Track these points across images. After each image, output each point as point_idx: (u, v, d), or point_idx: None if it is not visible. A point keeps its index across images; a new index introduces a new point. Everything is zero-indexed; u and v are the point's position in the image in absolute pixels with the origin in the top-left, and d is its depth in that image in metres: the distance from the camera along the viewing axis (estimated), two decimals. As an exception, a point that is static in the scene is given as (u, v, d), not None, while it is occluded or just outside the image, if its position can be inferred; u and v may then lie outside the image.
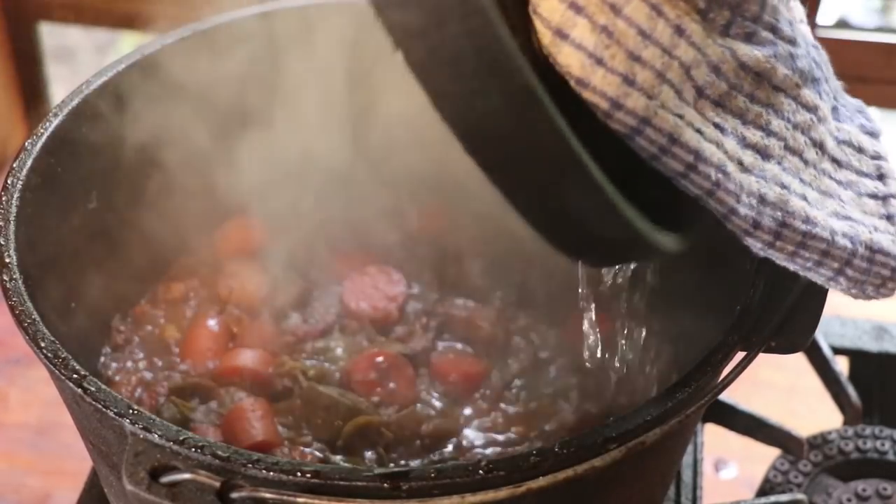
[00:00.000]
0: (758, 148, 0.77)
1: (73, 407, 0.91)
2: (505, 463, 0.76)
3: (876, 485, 1.13)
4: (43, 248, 0.99)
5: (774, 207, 0.77)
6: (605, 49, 0.70)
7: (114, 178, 1.10)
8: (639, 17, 0.71)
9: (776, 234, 0.77)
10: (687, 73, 0.73)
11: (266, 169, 1.21)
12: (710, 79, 0.74)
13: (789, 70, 0.79)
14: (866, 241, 0.80)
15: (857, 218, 0.82)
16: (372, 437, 1.03)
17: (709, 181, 0.74)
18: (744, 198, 0.76)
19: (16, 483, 1.33)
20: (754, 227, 0.77)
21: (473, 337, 1.14)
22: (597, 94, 0.70)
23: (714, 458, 1.35)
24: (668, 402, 0.81)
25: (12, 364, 1.46)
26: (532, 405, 1.09)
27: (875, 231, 0.82)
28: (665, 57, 0.71)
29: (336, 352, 1.11)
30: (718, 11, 0.75)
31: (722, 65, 0.75)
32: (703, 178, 0.74)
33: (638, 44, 0.70)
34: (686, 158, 0.74)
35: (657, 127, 0.72)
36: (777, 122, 0.78)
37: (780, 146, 0.78)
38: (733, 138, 0.76)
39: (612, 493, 0.89)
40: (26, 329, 0.85)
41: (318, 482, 0.74)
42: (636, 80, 0.70)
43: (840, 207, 0.81)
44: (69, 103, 1.04)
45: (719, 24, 0.75)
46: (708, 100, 0.75)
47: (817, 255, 0.79)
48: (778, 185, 0.77)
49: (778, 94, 0.78)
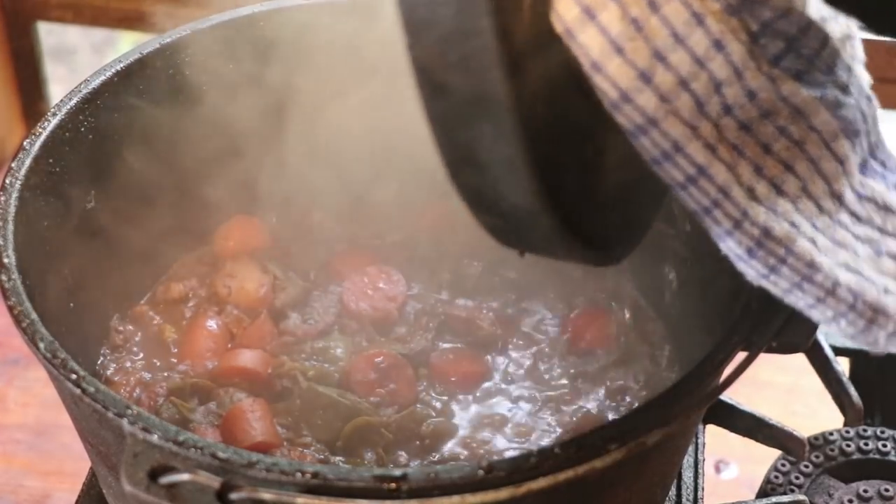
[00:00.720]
0: (774, 182, 0.75)
1: (71, 407, 0.90)
2: (505, 463, 0.76)
3: (877, 486, 1.12)
4: (41, 248, 0.99)
5: (779, 243, 0.75)
6: (628, 40, 0.68)
7: (112, 178, 1.09)
8: (675, 20, 0.69)
9: (772, 268, 0.76)
10: (717, 89, 0.72)
11: (266, 169, 1.21)
12: (742, 101, 0.73)
13: (832, 116, 0.77)
14: (871, 300, 0.78)
15: (868, 275, 0.79)
16: (371, 437, 1.03)
17: (707, 198, 0.73)
18: (746, 226, 0.75)
19: (14, 484, 1.33)
20: (749, 255, 0.75)
21: (473, 337, 1.14)
22: (608, 82, 0.69)
23: (715, 459, 1.35)
24: (668, 402, 0.81)
25: (11, 364, 1.46)
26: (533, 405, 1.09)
27: (885, 293, 0.79)
28: (695, 66, 0.70)
29: (336, 352, 1.10)
30: (771, 40, 0.73)
31: (761, 92, 0.73)
32: (702, 195, 0.73)
33: (667, 45, 0.69)
34: (688, 170, 0.73)
35: (664, 132, 0.71)
36: (802, 163, 0.76)
37: (798, 186, 0.77)
38: (749, 165, 0.74)
39: (612, 494, 0.89)
40: (25, 329, 0.85)
41: (317, 483, 0.74)
42: (653, 80, 0.69)
43: (853, 261, 0.79)
44: (68, 103, 1.04)
45: (770, 52, 0.73)
46: (735, 119, 0.73)
47: (812, 299, 0.77)
48: (788, 222, 0.76)
49: (812, 134, 0.76)
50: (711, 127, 0.72)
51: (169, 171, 1.14)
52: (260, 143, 1.19)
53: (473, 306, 1.16)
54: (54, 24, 1.83)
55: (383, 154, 1.21)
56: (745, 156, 0.74)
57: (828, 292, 0.77)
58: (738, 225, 0.75)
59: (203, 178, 1.17)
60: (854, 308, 0.78)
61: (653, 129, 0.71)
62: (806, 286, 0.76)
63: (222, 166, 1.18)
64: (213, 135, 1.17)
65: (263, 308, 1.15)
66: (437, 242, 1.24)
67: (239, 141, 1.18)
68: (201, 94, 1.15)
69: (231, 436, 1.01)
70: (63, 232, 1.03)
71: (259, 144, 1.19)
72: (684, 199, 0.74)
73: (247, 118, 1.17)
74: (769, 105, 0.74)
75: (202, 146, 1.16)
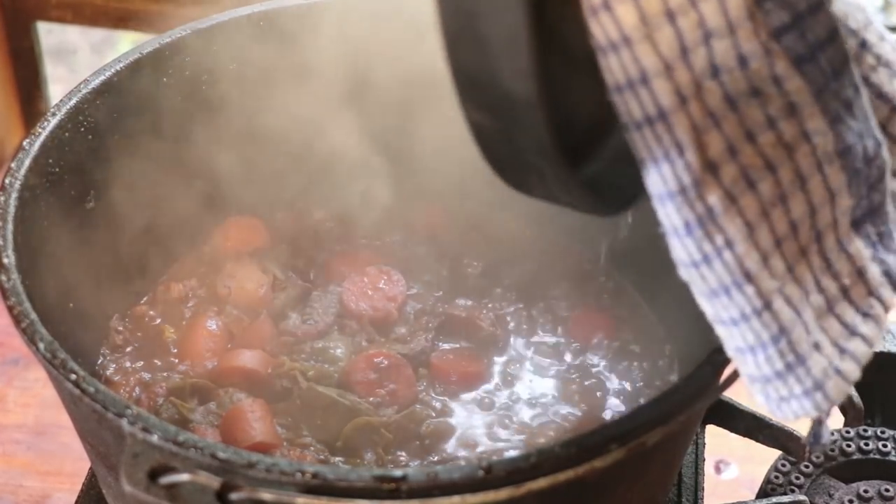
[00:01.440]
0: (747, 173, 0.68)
1: (71, 408, 0.90)
2: (505, 463, 0.76)
3: (878, 486, 1.12)
4: (41, 248, 0.98)
5: (721, 232, 0.67)
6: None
7: (112, 178, 1.09)
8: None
9: (705, 257, 0.68)
10: (705, 38, 0.65)
11: (266, 169, 1.21)
12: (731, 64, 0.66)
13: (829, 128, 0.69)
14: (798, 345, 0.70)
15: (807, 320, 0.71)
16: (371, 437, 1.03)
17: (659, 148, 0.66)
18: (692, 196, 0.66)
19: (13, 484, 1.33)
20: (685, 229, 0.67)
21: (473, 337, 1.14)
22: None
23: (715, 459, 1.35)
24: (669, 402, 0.81)
25: (10, 365, 1.46)
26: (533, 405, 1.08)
27: (815, 348, 0.72)
28: (685, 1, 0.64)
29: (335, 352, 1.10)
30: (776, 7, 0.66)
31: (752, 61, 0.66)
32: (655, 142, 0.66)
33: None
34: (648, 108, 0.65)
35: (636, 56, 0.64)
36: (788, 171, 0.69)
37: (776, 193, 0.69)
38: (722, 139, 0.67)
39: (612, 494, 0.89)
40: (24, 329, 0.85)
41: (317, 483, 0.74)
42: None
43: (799, 299, 0.71)
44: (67, 103, 1.04)
45: (772, 22, 0.67)
46: (721, 87, 0.66)
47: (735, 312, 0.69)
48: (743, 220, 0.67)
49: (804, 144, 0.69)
50: (691, 79, 0.65)
51: (169, 171, 1.14)
52: (260, 142, 1.19)
53: (473, 306, 1.16)
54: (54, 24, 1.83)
55: (383, 154, 1.21)
56: (720, 128, 0.66)
57: (755, 312, 0.69)
58: (684, 192, 0.67)
59: (203, 178, 1.17)
60: (776, 344, 0.70)
61: (624, 50, 0.64)
62: (734, 294, 0.69)
63: (222, 166, 1.18)
64: (213, 134, 1.17)
65: (263, 308, 1.15)
66: (437, 242, 1.24)
67: (239, 140, 1.18)
68: (201, 94, 1.15)
69: (231, 436, 1.01)
70: (63, 232, 1.03)
71: (259, 144, 1.19)
72: (633, 142, 0.67)
73: (247, 118, 1.17)
74: (760, 82, 0.67)
75: (202, 146, 1.16)
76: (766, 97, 0.67)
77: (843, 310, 0.73)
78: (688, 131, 0.66)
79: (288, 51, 1.15)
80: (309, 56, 1.15)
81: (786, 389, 0.72)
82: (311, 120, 1.18)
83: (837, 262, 0.73)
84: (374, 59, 1.15)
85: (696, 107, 0.66)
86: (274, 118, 1.17)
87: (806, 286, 0.71)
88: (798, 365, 0.71)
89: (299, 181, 1.23)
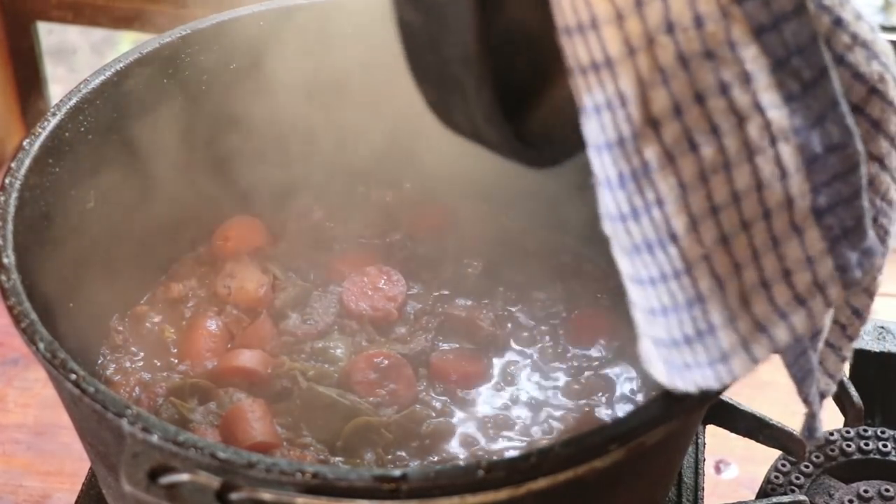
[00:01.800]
0: (692, 137, 0.65)
1: (71, 407, 0.90)
2: (505, 464, 0.76)
3: (878, 486, 1.12)
4: (41, 247, 0.98)
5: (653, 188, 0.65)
6: None
7: (112, 178, 1.09)
8: None
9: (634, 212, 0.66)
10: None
11: (266, 168, 1.21)
12: (686, 23, 0.64)
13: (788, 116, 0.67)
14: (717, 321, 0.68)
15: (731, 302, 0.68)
16: (371, 437, 1.03)
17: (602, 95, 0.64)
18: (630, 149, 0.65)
19: (13, 484, 1.33)
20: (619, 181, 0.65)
21: (473, 337, 1.14)
22: None
23: (715, 459, 1.35)
24: (669, 402, 0.81)
25: (10, 364, 1.46)
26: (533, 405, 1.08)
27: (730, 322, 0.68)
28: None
29: (335, 352, 1.10)
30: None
31: (708, 22, 0.64)
32: (599, 88, 0.64)
33: None
34: (595, 54, 0.64)
35: (588, 1, 0.63)
36: (735, 134, 0.66)
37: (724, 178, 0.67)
38: (668, 96, 0.64)
39: (612, 494, 0.88)
40: (24, 329, 0.85)
41: (317, 483, 0.74)
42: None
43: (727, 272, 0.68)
44: (67, 103, 1.04)
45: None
46: (674, 43, 0.64)
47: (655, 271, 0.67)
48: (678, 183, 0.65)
49: (755, 114, 0.66)
50: (643, 31, 0.64)
51: (169, 171, 1.14)
52: (260, 142, 1.19)
53: (473, 306, 1.16)
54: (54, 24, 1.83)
55: (384, 153, 1.21)
56: (668, 85, 0.65)
57: (674, 274, 0.67)
58: (622, 143, 0.65)
59: (203, 178, 1.17)
60: (690, 309, 0.68)
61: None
62: (657, 253, 0.67)
63: (222, 166, 1.18)
64: (213, 134, 1.17)
65: (263, 308, 1.15)
66: (437, 242, 1.24)
67: (239, 140, 1.18)
68: (201, 94, 1.15)
69: (231, 436, 1.01)
70: (63, 232, 1.03)
71: (259, 144, 1.19)
72: (577, 88, 0.66)
73: (247, 117, 1.17)
74: (715, 45, 0.65)
75: (202, 146, 1.16)
76: (720, 61, 0.65)
77: (779, 291, 0.70)
78: (633, 83, 0.65)
79: (289, 51, 1.15)
80: (308, 53, 1.15)
81: (691, 356, 0.70)
82: (312, 120, 1.18)
83: (786, 243, 0.69)
84: (377, 60, 1.15)
85: (644, 60, 0.64)
86: (275, 118, 1.17)
87: (740, 259, 0.69)
88: (708, 334, 0.69)
89: (300, 181, 1.23)
